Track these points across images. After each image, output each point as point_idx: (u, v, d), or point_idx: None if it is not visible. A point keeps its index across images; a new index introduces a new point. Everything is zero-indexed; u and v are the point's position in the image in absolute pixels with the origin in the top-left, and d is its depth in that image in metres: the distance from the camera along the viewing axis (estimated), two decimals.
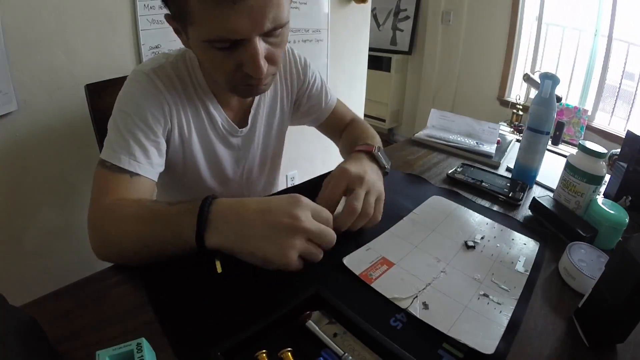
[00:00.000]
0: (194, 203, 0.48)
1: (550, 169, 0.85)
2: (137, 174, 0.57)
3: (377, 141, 0.77)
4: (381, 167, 0.65)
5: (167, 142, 0.65)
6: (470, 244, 0.57)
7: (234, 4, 0.46)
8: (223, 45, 0.51)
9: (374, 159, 0.65)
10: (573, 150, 0.71)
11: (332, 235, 0.49)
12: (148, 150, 0.60)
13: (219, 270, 0.48)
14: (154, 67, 0.63)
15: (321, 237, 0.48)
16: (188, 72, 0.66)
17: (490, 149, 0.96)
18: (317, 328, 0.40)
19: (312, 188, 0.71)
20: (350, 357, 0.37)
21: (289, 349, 0.38)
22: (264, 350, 0.37)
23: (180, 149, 0.69)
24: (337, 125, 0.89)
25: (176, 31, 0.57)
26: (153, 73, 0.62)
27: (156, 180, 0.62)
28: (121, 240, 0.50)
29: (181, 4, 0.48)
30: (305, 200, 0.48)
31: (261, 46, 0.52)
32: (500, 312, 0.45)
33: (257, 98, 0.75)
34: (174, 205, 0.50)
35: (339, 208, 0.55)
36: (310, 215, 0.47)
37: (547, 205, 0.66)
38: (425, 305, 0.46)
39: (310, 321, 0.41)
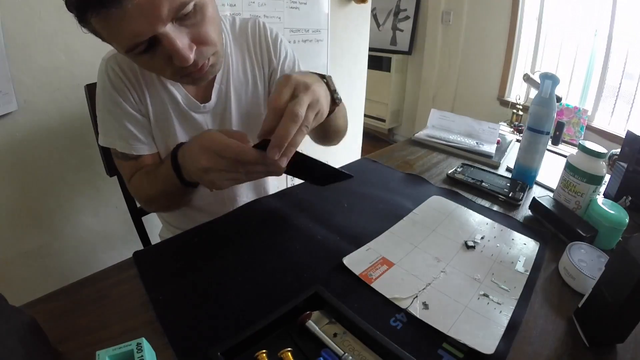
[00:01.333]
0: (169, 155, 0.59)
1: (550, 169, 0.85)
2: (140, 155, 0.69)
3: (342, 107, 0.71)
4: (331, 90, 0.58)
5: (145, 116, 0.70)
6: (470, 244, 0.57)
7: (118, 10, 0.45)
8: (140, 49, 0.50)
9: (324, 79, 0.58)
10: (573, 150, 0.71)
11: (235, 167, 0.49)
12: (137, 131, 0.68)
13: None
14: (115, 52, 0.65)
15: (229, 169, 0.50)
16: None
17: (490, 149, 0.96)
18: (317, 328, 0.40)
19: (312, 187, 0.71)
20: (350, 357, 0.37)
21: (289, 349, 0.38)
22: (264, 350, 0.37)
23: (153, 127, 0.71)
24: None
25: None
26: (113, 59, 0.65)
27: (156, 150, 0.71)
28: (151, 199, 0.69)
29: (90, 29, 0.50)
30: (207, 140, 0.50)
31: (178, 35, 0.50)
32: (500, 312, 0.45)
33: (220, 72, 0.71)
34: (161, 163, 0.65)
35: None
36: (214, 154, 0.49)
37: (547, 205, 0.66)
38: (425, 305, 0.46)
39: (310, 321, 0.41)
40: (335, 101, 0.59)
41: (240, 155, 0.48)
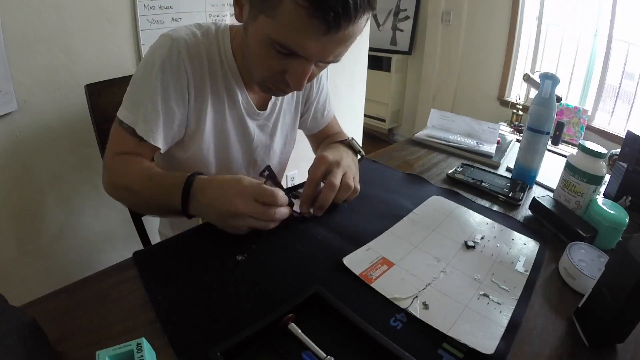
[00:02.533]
0: (182, 177, 0.55)
1: (550, 169, 0.85)
2: (147, 141, 0.62)
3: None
4: (356, 151, 0.72)
5: (183, 115, 0.66)
6: (470, 244, 0.57)
7: (327, 34, 0.48)
8: (284, 50, 0.51)
9: (349, 146, 0.71)
10: (573, 150, 0.71)
11: (269, 212, 0.53)
12: (162, 120, 0.63)
13: None
14: (186, 36, 0.62)
15: (262, 215, 0.53)
16: (218, 48, 0.66)
17: (490, 149, 0.96)
18: (299, 330, 0.40)
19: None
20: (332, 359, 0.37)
21: None
22: None
23: (195, 124, 0.68)
24: (325, 138, 0.91)
25: (237, 1, 0.56)
26: (184, 42, 0.61)
27: (164, 148, 0.66)
28: (125, 189, 0.62)
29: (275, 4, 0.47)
30: (245, 186, 0.53)
31: (311, 68, 0.54)
32: (500, 312, 0.45)
33: None
34: (167, 176, 0.59)
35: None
36: (252, 198, 0.52)
37: (547, 205, 0.66)
38: (425, 305, 0.46)
39: (292, 324, 0.40)
40: (358, 155, 0.75)
41: (277, 200, 0.53)
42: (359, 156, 0.76)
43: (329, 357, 0.37)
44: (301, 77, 0.54)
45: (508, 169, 0.89)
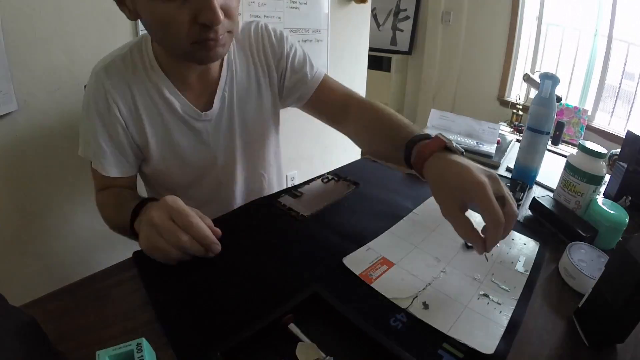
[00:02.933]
0: (136, 202, 0.57)
1: (550, 169, 0.84)
2: (110, 176, 0.67)
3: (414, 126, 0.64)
4: (460, 154, 0.53)
5: (129, 139, 0.68)
6: (469, 244, 0.57)
7: None
8: None
9: (449, 149, 0.52)
10: (573, 150, 0.71)
11: (177, 234, 0.47)
12: (110, 152, 0.66)
13: None
14: (106, 64, 0.64)
15: (168, 232, 0.47)
16: (142, 59, 0.65)
17: (490, 149, 0.96)
18: (299, 331, 0.40)
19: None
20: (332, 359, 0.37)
21: None
22: None
23: (141, 142, 0.68)
24: (328, 102, 0.77)
25: (120, 4, 0.56)
26: (103, 71, 0.64)
27: (132, 174, 0.71)
28: (107, 220, 0.68)
29: None
30: (166, 201, 0.49)
31: None
32: (500, 312, 0.45)
33: (223, 77, 0.69)
34: (132, 201, 0.58)
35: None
36: (168, 214, 0.48)
37: (547, 205, 0.66)
38: (425, 305, 0.46)
39: (292, 324, 0.40)
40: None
41: (191, 224, 0.48)
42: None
43: (328, 357, 0.37)
44: (210, 4, 0.50)
45: (508, 169, 0.89)
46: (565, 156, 0.81)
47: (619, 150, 0.74)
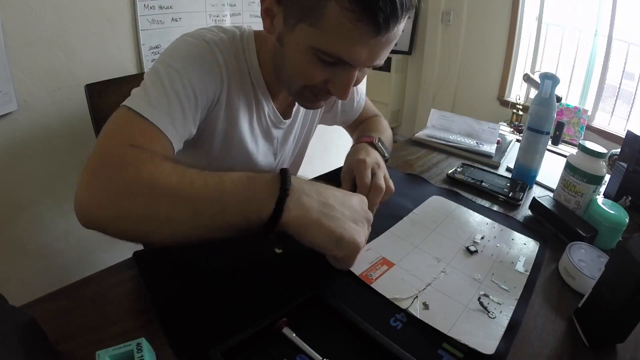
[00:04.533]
0: (264, 174, 0.43)
1: (550, 169, 0.85)
2: (168, 139, 0.48)
3: (387, 136, 0.80)
4: (381, 154, 0.69)
5: (206, 119, 0.59)
6: (472, 248, 0.57)
7: (377, 36, 0.46)
8: (329, 59, 0.48)
9: (375, 147, 0.69)
10: (573, 150, 0.71)
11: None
12: (188, 117, 0.52)
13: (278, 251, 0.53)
14: (214, 37, 0.57)
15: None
16: (244, 54, 0.61)
17: (490, 149, 0.96)
18: (293, 334, 0.40)
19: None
20: None
21: None
22: None
23: (222, 130, 0.62)
24: (358, 121, 0.89)
25: (267, 12, 0.53)
26: (214, 43, 0.56)
27: (177, 148, 0.52)
28: (163, 192, 0.39)
29: (313, 4, 0.44)
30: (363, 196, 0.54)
31: (356, 74, 0.52)
32: (501, 312, 0.45)
33: None
34: (226, 179, 0.42)
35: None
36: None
37: (547, 205, 0.66)
38: (426, 306, 0.46)
39: (286, 327, 0.40)
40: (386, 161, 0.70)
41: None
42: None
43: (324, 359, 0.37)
44: (346, 85, 0.52)
45: (508, 169, 0.89)
46: (565, 156, 0.81)
47: (619, 150, 0.75)
